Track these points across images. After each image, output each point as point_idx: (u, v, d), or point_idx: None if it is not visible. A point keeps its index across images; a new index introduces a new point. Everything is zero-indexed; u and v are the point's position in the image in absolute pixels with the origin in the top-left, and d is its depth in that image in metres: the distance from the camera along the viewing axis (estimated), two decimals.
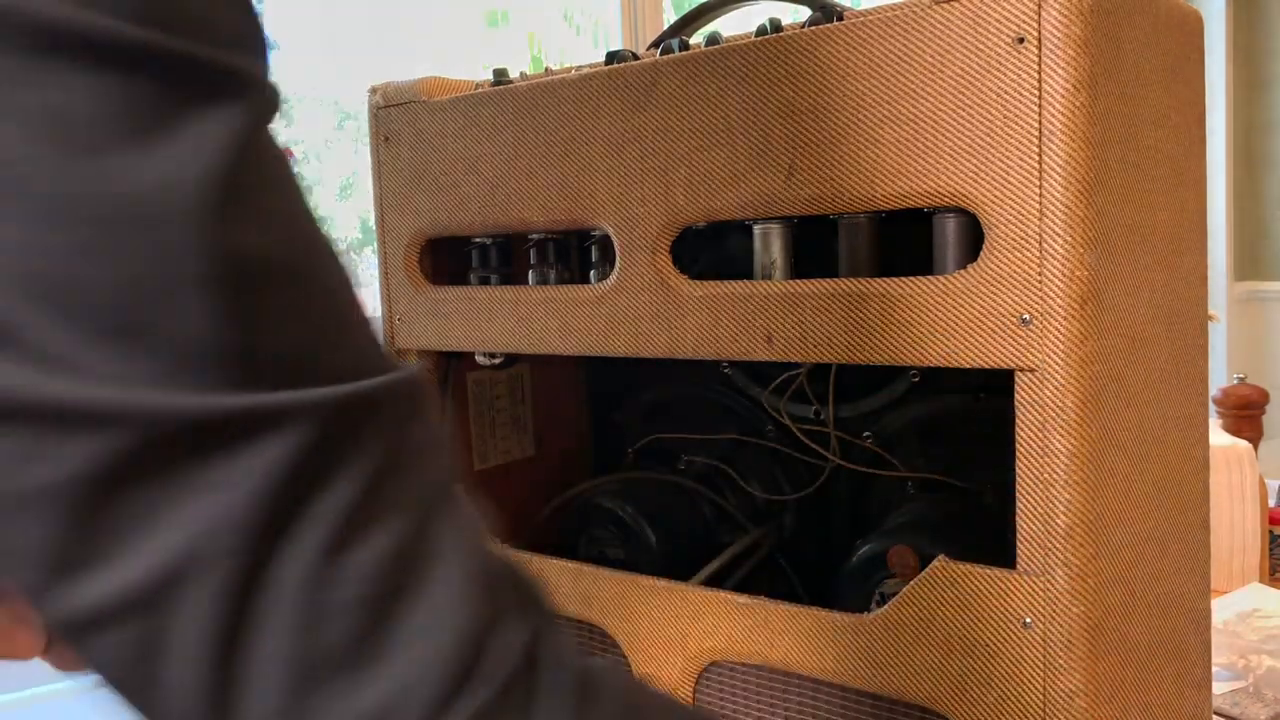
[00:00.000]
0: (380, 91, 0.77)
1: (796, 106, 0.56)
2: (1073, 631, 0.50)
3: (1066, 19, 0.48)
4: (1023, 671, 0.52)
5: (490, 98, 0.70)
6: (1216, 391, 1.27)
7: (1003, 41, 0.49)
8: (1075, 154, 0.48)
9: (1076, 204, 0.48)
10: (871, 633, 0.56)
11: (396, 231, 0.77)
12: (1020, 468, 0.51)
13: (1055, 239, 0.49)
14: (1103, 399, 0.50)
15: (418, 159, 0.75)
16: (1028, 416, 0.51)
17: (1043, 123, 0.48)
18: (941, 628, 0.54)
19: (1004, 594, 0.52)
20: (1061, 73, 0.48)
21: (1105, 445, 0.51)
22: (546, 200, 0.68)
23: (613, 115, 0.64)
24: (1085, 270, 0.49)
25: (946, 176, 0.52)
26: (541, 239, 0.75)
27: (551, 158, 0.67)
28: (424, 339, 0.77)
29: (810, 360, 0.58)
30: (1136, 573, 0.54)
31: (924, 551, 0.59)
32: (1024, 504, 0.51)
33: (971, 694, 0.53)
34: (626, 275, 0.64)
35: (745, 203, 0.59)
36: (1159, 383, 0.56)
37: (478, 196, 0.71)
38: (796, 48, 0.56)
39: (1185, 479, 0.59)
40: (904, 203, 0.53)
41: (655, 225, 0.63)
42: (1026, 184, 0.49)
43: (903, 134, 0.53)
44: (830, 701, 0.60)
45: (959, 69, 0.51)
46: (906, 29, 0.52)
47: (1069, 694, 0.50)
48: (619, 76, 0.63)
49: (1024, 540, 0.51)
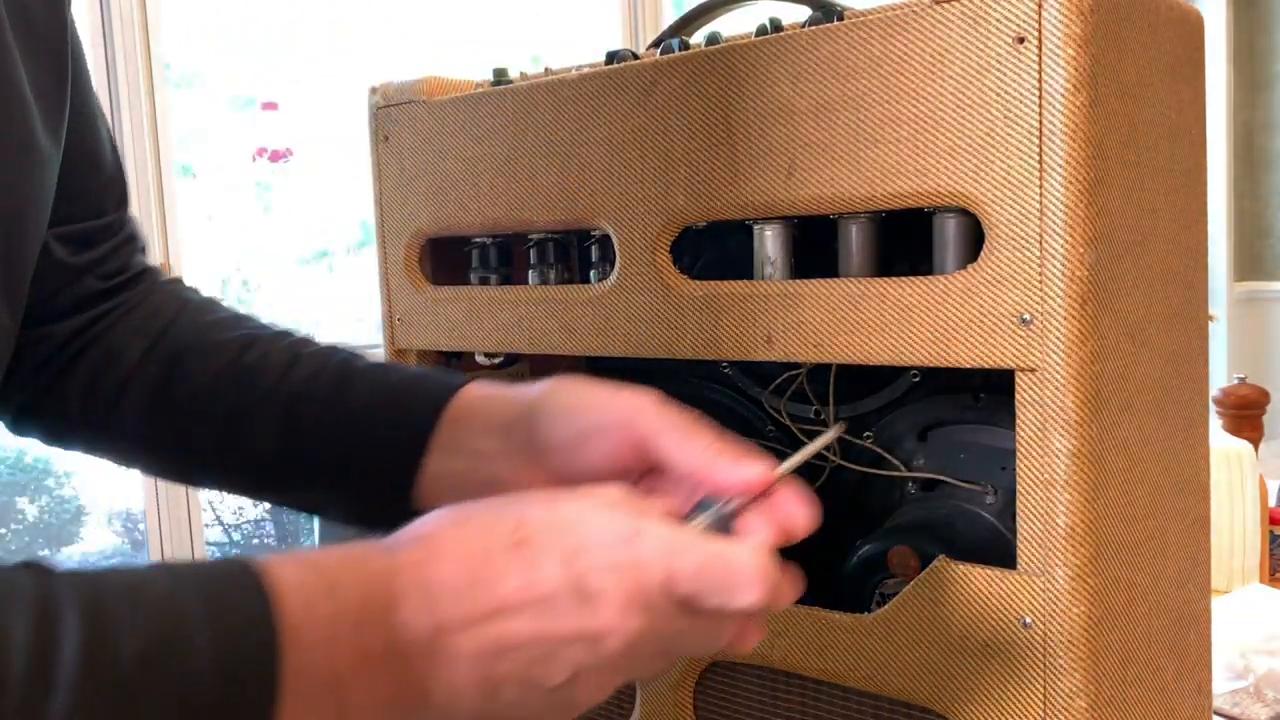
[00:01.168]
0: (380, 91, 0.77)
1: (796, 106, 0.56)
2: (1073, 632, 0.50)
3: (1067, 18, 0.48)
4: (1023, 672, 0.51)
5: (490, 97, 0.70)
6: (1217, 392, 1.27)
7: (1003, 41, 0.49)
8: (1076, 153, 0.48)
9: (1077, 203, 0.48)
10: (872, 633, 0.56)
11: (396, 231, 0.77)
12: (1020, 468, 0.51)
13: (1056, 238, 0.49)
14: (1103, 399, 0.50)
15: (417, 159, 0.75)
16: (1028, 416, 0.51)
17: (1043, 122, 0.48)
18: (942, 628, 0.54)
19: (1004, 594, 0.52)
20: (1062, 72, 0.48)
21: (1106, 445, 0.51)
22: (546, 200, 0.68)
23: (613, 115, 0.64)
24: (1086, 270, 0.49)
25: (947, 176, 0.51)
26: (541, 239, 0.75)
27: (551, 157, 0.67)
28: (424, 339, 0.77)
29: (810, 360, 0.58)
30: (1137, 573, 0.54)
31: (924, 551, 0.59)
32: (1024, 504, 0.51)
33: (972, 694, 0.53)
34: (626, 275, 0.64)
35: (745, 202, 0.59)
36: (1159, 383, 0.56)
37: (477, 196, 0.71)
38: (796, 47, 0.56)
39: (1186, 479, 0.59)
40: (904, 202, 0.53)
41: (655, 225, 0.63)
42: (1027, 183, 0.49)
43: (903, 133, 0.53)
44: (831, 702, 0.60)
45: (959, 68, 0.51)
46: (907, 28, 0.52)
47: (1069, 694, 0.50)
48: (619, 76, 0.63)
49: (1024, 540, 0.51)
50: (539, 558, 0.41)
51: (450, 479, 0.57)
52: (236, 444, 0.62)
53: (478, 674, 0.40)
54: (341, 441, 0.61)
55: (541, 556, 0.41)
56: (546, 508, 0.43)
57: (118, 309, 0.66)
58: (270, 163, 2.53)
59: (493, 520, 0.42)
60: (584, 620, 0.40)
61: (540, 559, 0.41)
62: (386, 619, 0.39)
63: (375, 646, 0.39)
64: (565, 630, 0.40)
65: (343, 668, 0.38)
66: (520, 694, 0.40)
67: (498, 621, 0.40)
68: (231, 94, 2.49)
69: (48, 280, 0.61)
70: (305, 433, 0.61)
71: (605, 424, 0.52)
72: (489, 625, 0.40)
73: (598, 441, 0.52)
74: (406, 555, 0.41)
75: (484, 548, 0.41)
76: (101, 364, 0.64)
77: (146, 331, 0.65)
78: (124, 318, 0.66)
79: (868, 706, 0.58)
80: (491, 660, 0.40)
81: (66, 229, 0.62)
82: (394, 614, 0.39)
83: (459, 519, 0.43)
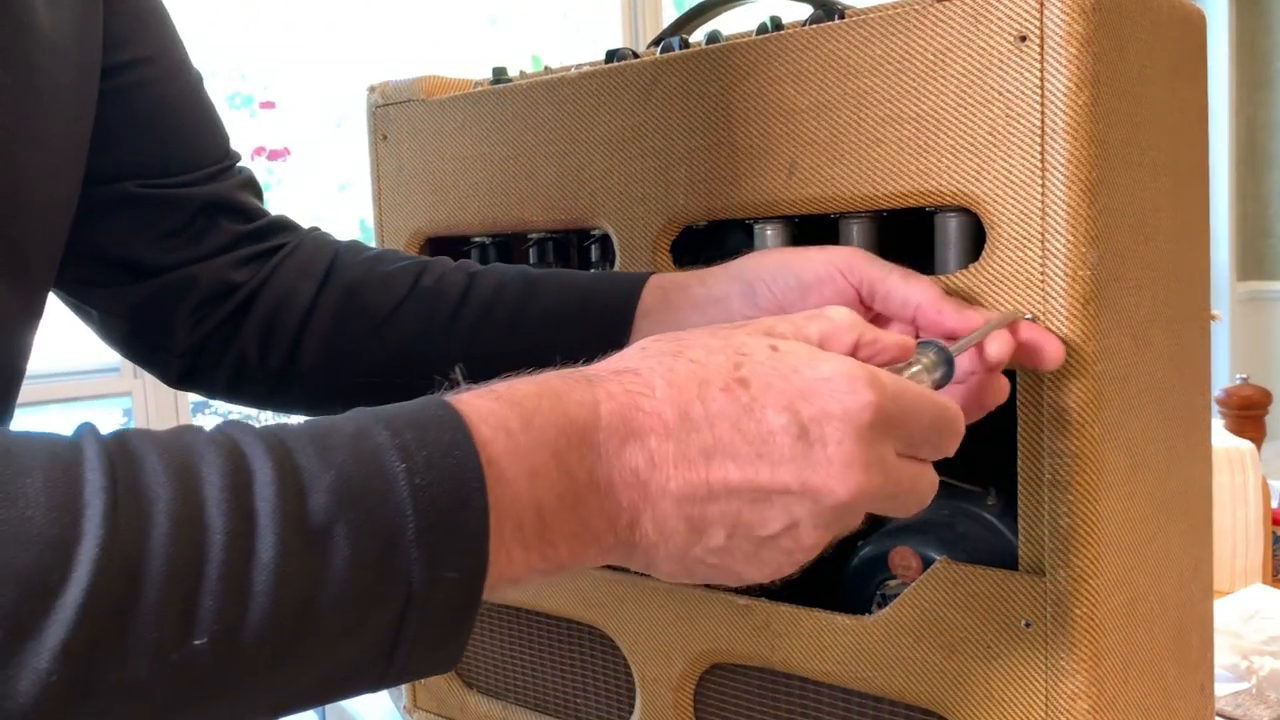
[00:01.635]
0: (379, 90, 0.76)
1: (797, 105, 0.56)
2: (1075, 633, 0.50)
3: (1069, 17, 0.47)
4: (1025, 673, 0.51)
5: (489, 96, 0.70)
6: (1219, 392, 1.27)
7: (1005, 40, 0.49)
8: (1078, 153, 0.48)
9: (1079, 203, 0.48)
10: (873, 634, 0.56)
11: (395, 231, 0.77)
12: (1021, 468, 0.51)
13: (1058, 238, 0.48)
14: (1105, 399, 0.50)
15: (416, 158, 0.74)
16: (1029, 416, 0.50)
17: (1045, 121, 0.48)
18: (943, 629, 0.53)
19: (1006, 595, 0.51)
20: (1064, 71, 0.48)
21: (1107, 446, 0.50)
22: (546, 199, 0.67)
23: (613, 114, 0.63)
24: (1088, 270, 0.49)
25: (948, 175, 0.51)
26: (541, 238, 0.75)
27: (551, 157, 0.67)
28: None
29: None
30: (1139, 574, 0.53)
31: (925, 553, 0.58)
32: (1025, 505, 0.51)
33: (973, 696, 0.53)
34: None
35: (746, 202, 0.59)
36: (1162, 383, 0.55)
37: (477, 195, 0.71)
38: (797, 46, 0.56)
39: (1188, 480, 0.59)
40: (906, 202, 0.53)
41: (656, 224, 0.62)
42: (1029, 183, 0.49)
43: (904, 133, 0.52)
44: (832, 703, 0.59)
45: (961, 67, 0.50)
46: (908, 27, 0.52)
47: (1071, 696, 0.50)
48: (619, 75, 0.63)
49: (1026, 541, 0.51)
50: (759, 399, 0.38)
51: None
52: (427, 363, 0.62)
53: (685, 514, 0.38)
54: (542, 335, 0.61)
55: (763, 398, 0.38)
56: (770, 346, 0.39)
57: (273, 254, 0.68)
58: (268, 161, 2.53)
59: (709, 354, 0.39)
60: (805, 471, 0.37)
61: (761, 401, 0.38)
62: (588, 450, 0.37)
63: (578, 477, 0.37)
64: (785, 479, 0.37)
65: (545, 500, 0.36)
66: (729, 540, 0.38)
67: (711, 463, 0.37)
68: (229, 93, 2.49)
69: (177, 222, 0.64)
70: (502, 336, 0.62)
71: (825, 273, 0.52)
72: (701, 466, 0.37)
73: (820, 290, 0.52)
74: (609, 385, 0.38)
75: (699, 382, 0.38)
76: (275, 307, 0.66)
77: (313, 273, 0.67)
78: (285, 261, 0.67)
79: (868, 708, 0.58)
80: (702, 503, 0.38)
81: (194, 174, 0.65)
82: (596, 446, 0.37)
83: (671, 349, 0.40)
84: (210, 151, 0.67)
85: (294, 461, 0.33)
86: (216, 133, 0.68)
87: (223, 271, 0.65)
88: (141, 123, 0.62)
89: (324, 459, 0.33)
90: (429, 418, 0.35)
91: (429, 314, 0.64)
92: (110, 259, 0.63)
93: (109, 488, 0.30)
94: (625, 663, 0.67)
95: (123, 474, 0.30)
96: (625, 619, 0.66)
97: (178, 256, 0.64)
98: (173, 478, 0.31)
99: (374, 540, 0.33)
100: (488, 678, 0.77)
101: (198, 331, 0.66)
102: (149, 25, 0.63)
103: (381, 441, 0.34)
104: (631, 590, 0.65)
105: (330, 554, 0.32)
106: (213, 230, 0.66)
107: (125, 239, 0.63)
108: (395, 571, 0.33)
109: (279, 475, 0.32)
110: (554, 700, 0.73)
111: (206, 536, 0.30)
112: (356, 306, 0.65)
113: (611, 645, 0.68)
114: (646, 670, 0.65)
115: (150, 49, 0.62)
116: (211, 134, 0.67)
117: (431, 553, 0.33)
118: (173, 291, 0.64)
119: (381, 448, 0.34)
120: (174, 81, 0.64)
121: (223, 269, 0.65)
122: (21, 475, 0.29)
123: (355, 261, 0.67)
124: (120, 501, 0.30)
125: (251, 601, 0.31)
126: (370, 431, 0.34)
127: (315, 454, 0.33)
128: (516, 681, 0.75)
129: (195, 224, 0.65)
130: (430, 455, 0.34)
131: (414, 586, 0.33)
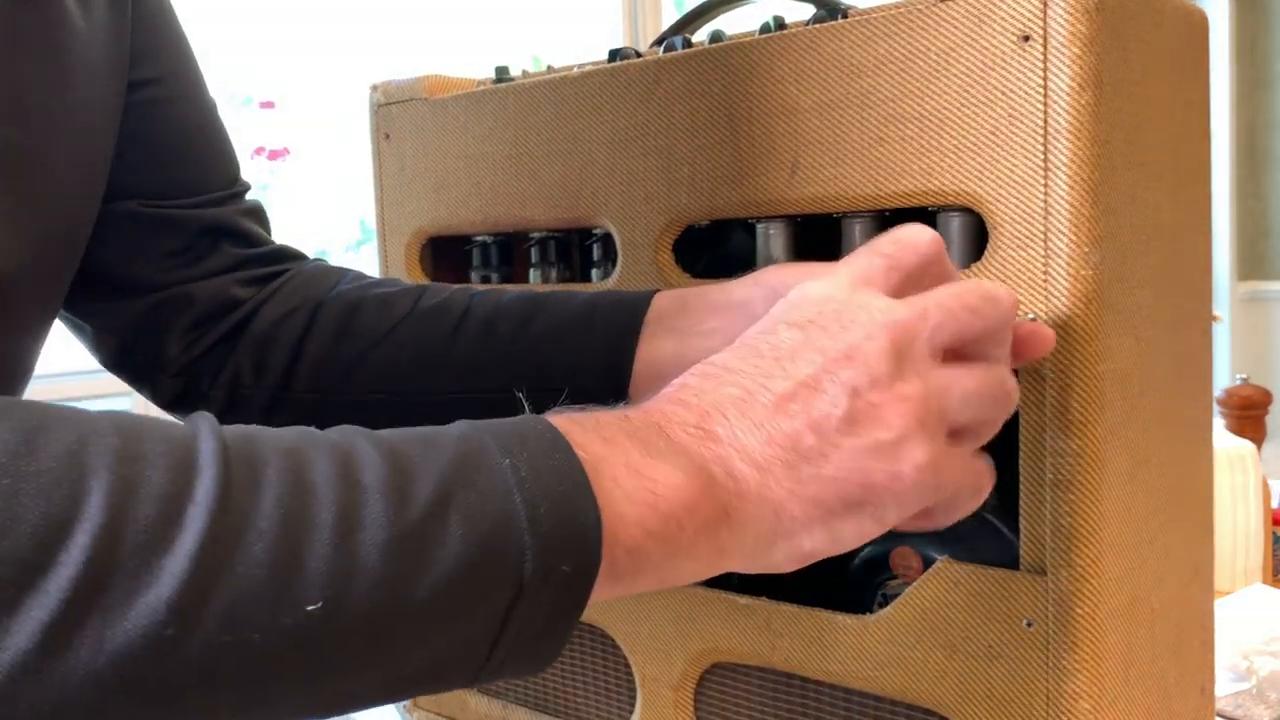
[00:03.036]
0: (381, 89, 0.76)
1: (800, 105, 0.56)
2: (1076, 633, 0.50)
3: (1072, 17, 0.47)
4: (1026, 673, 0.51)
5: (492, 95, 0.70)
6: (1220, 392, 1.27)
7: (1008, 39, 0.49)
8: (1081, 152, 0.48)
9: (1082, 203, 0.48)
10: (874, 634, 0.56)
11: (397, 230, 0.77)
12: (1023, 468, 0.51)
13: (1060, 238, 0.48)
14: (1107, 399, 0.50)
15: (418, 157, 0.74)
16: (1030, 416, 0.50)
17: (1048, 121, 0.48)
18: (944, 629, 0.53)
19: (1007, 595, 0.51)
20: (1067, 71, 0.48)
21: (1109, 445, 0.50)
22: (548, 198, 0.67)
23: (615, 113, 0.63)
24: (1090, 269, 0.49)
25: (951, 175, 0.51)
26: (543, 237, 0.75)
27: (553, 156, 0.67)
28: None
29: None
30: (1140, 574, 0.53)
31: (926, 553, 0.58)
32: (1027, 504, 0.51)
33: (974, 696, 0.53)
34: (628, 274, 0.64)
35: (748, 201, 0.59)
36: (1163, 383, 0.55)
37: (479, 194, 0.71)
38: (800, 45, 0.56)
39: (1189, 480, 0.59)
40: (908, 201, 0.53)
41: (658, 224, 0.62)
42: (1031, 182, 0.49)
43: (907, 132, 0.52)
44: (833, 703, 0.59)
45: (964, 67, 0.50)
46: (911, 27, 0.52)
47: (1072, 696, 0.50)
48: (621, 74, 0.63)
49: (1027, 541, 0.51)
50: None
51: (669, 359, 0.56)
52: (427, 380, 0.62)
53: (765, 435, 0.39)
54: (545, 346, 0.60)
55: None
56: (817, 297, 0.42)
57: (274, 278, 0.68)
58: (268, 161, 2.53)
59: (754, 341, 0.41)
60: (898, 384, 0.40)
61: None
62: (657, 420, 0.38)
63: (657, 448, 0.37)
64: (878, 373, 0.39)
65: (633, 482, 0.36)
66: (822, 444, 0.39)
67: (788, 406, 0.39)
68: (229, 92, 2.49)
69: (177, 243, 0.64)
70: (504, 349, 0.61)
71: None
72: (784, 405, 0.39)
73: None
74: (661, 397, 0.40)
75: (757, 330, 0.42)
76: (272, 324, 0.66)
77: (312, 294, 0.67)
78: (285, 284, 0.67)
79: (869, 708, 0.58)
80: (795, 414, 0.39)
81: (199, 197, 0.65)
82: (664, 415, 0.38)
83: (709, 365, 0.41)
84: (217, 177, 0.67)
85: (401, 449, 0.34)
86: (226, 159, 0.68)
87: (222, 289, 0.65)
88: (150, 142, 0.62)
89: (429, 452, 0.34)
90: (528, 428, 0.36)
91: (429, 331, 0.63)
92: (109, 275, 0.63)
93: (221, 453, 0.31)
94: (625, 662, 0.67)
95: (235, 446, 0.32)
96: (625, 618, 0.66)
97: (175, 275, 0.64)
98: (283, 456, 0.32)
99: (487, 522, 0.33)
100: None
101: (192, 350, 0.65)
102: (165, 47, 0.63)
103: (486, 442, 0.35)
104: None
105: (443, 535, 0.33)
106: (214, 253, 0.66)
107: (125, 256, 0.63)
108: (506, 558, 0.33)
109: (387, 458, 0.33)
110: (554, 700, 0.73)
111: (316, 502, 0.31)
112: (355, 325, 0.65)
113: (612, 644, 0.68)
114: (647, 669, 0.65)
115: (163, 70, 0.63)
116: (220, 160, 0.67)
117: (544, 543, 0.34)
118: (168, 308, 0.64)
119: (485, 446, 0.35)
120: (186, 103, 0.64)
121: (223, 286, 0.65)
122: (143, 439, 0.31)
123: (356, 285, 0.67)
124: (233, 465, 0.31)
125: (360, 572, 0.31)
126: (470, 435, 0.36)
127: (421, 445, 0.34)
128: (516, 681, 0.75)
129: (197, 246, 0.65)
130: (533, 456, 0.35)
131: (525, 576, 0.34)
